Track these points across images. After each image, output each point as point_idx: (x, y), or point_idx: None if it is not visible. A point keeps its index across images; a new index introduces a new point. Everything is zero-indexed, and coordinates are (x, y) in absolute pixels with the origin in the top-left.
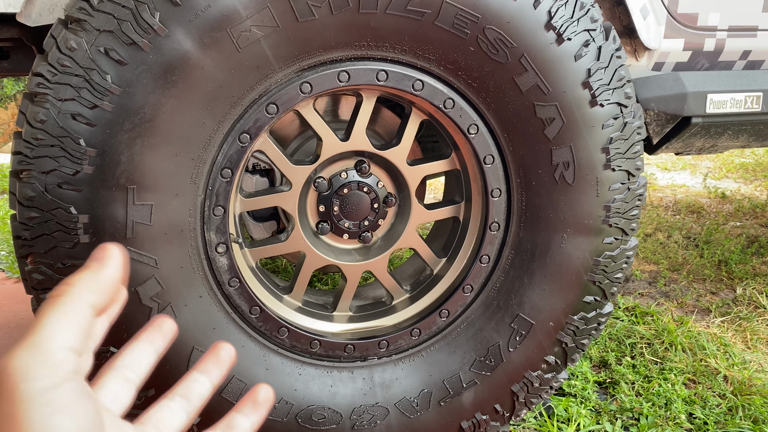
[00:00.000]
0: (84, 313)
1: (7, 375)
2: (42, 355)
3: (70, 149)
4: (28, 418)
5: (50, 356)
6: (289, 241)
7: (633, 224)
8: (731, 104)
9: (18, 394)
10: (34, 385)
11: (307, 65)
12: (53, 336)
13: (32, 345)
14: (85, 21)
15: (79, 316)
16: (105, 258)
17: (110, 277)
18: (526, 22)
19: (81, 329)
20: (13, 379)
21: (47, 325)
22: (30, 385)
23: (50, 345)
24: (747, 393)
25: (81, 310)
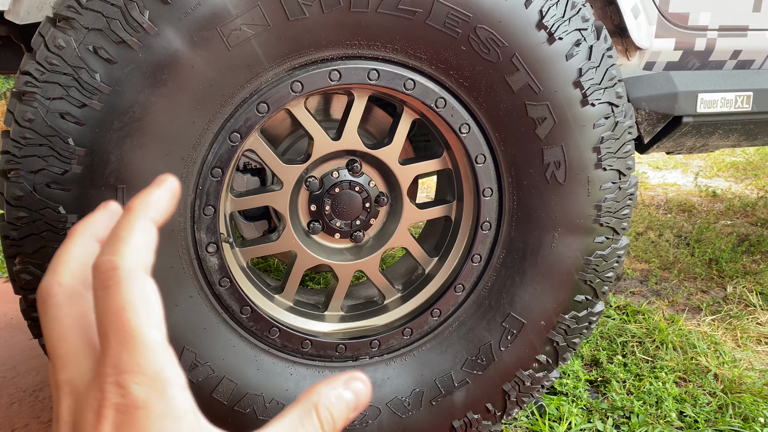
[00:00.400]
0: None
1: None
2: (158, 392)
3: (59, 148)
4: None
5: (167, 395)
6: (281, 240)
7: (624, 223)
8: (722, 104)
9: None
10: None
11: (298, 64)
12: (156, 347)
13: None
14: (73, 19)
15: (150, 286)
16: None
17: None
18: (517, 22)
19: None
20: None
21: (141, 320)
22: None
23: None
24: (737, 391)
25: (147, 283)
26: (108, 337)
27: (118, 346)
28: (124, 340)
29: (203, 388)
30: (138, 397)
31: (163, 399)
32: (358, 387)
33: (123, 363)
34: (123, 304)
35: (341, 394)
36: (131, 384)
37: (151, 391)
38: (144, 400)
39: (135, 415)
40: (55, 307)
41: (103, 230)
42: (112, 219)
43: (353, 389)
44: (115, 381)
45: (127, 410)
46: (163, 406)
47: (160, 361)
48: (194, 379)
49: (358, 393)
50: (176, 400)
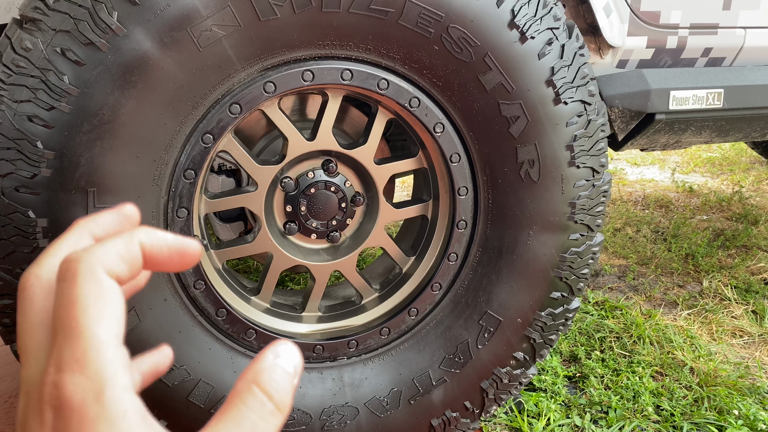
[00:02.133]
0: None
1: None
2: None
3: (27, 152)
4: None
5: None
6: (256, 241)
7: (598, 220)
8: (693, 101)
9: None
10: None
11: (270, 65)
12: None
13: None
14: (40, 21)
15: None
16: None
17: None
18: (489, 21)
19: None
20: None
21: (89, 325)
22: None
23: (106, 367)
24: (712, 384)
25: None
26: (57, 332)
27: (63, 341)
28: (68, 335)
29: (179, 392)
30: (73, 398)
31: (100, 401)
32: (287, 350)
33: (64, 360)
34: (74, 298)
35: (275, 362)
36: (67, 384)
37: (87, 393)
38: (79, 402)
39: (70, 419)
40: (27, 301)
41: (104, 230)
42: (119, 221)
43: (284, 353)
44: (53, 381)
45: (63, 412)
46: (99, 408)
47: (101, 359)
48: (169, 383)
49: (290, 355)
50: (114, 402)
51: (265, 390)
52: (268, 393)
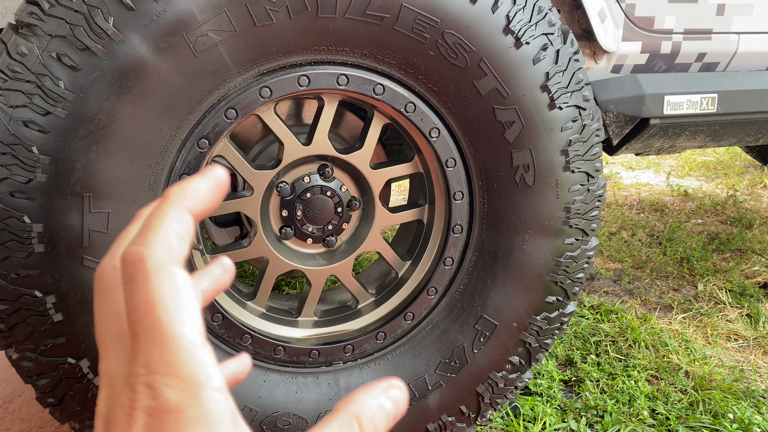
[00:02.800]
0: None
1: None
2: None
3: (23, 157)
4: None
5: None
6: (252, 246)
7: (593, 225)
8: (688, 105)
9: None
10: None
11: (266, 70)
12: (193, 343)
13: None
14: (36, 26)
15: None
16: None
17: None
18: (484, 27)
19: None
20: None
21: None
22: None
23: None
24: (707, 388)
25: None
26: (138, 335)
27: (149, 345)
28: (154, 339)
29: None
30: (170, 400)
31: (197, 403)
32: (397, 395)
33: (154, 363)
34: (152, 300)
35: (382, 403)
36: (163, 386)
37: (184, 395)
38: (176, 405)
39: (166, 420)
40: (104, 292)
41: (201, 205)
42: (212, 190)
43: (392, 397)
44: (146, 382)
45: (158, 414)
46: (197, 411)
47: (193, 361)
48: None
49: (397, 401)
50: (211, 404)
51: (363, 430)
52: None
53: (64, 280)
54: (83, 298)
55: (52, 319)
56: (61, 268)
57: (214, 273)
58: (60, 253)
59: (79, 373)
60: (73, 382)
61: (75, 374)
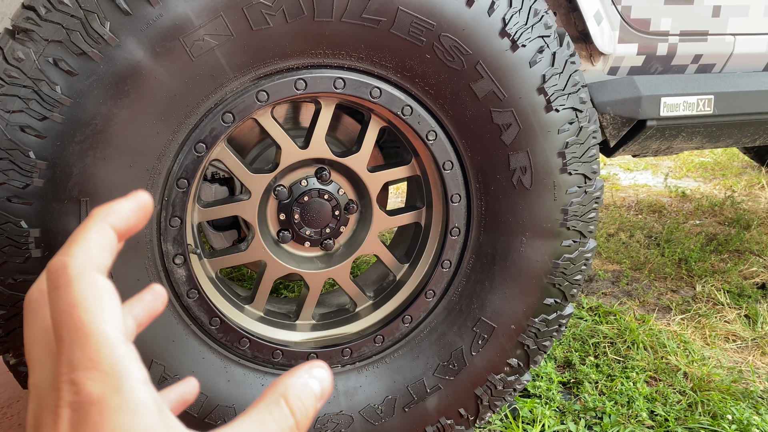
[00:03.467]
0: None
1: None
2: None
3: (20, 162)
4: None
5: (129, 389)
6: (250, 250)
7: (591, 227)
8: (684, 107)
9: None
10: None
11: (263, 73)
12: (112, 339)
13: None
14: (32, 31)
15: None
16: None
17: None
18: (481, 30)
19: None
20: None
21: (94, 314)
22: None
23: (120, 362)
24: (706, 389)
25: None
26: (62, 337)
27: (71, 344)
28: (76, 338)
29: None
30: (91, 392)
31: (119, 393)
32: (321, 374)
33: (76, 360)
34: (74, 302)
35: (307, 382)
36: (84, 380)
37: (106, 386)
38: (98, 396)
39: (89, 411)
40: (32, 314)
41: (124, 223)
42: (135, 211)
43: (317, 377)
44: (68, 379)
45: (82, 407)
46: (119, 399)
47: (114, 355)
48: None
49: (322, 380)
50: (134, 393)
51: (291, 406)
52: (292, 410)
53: None
54: None
55: None
56: None
57: (145, 299)
58: None
59: None
60: None
61: None
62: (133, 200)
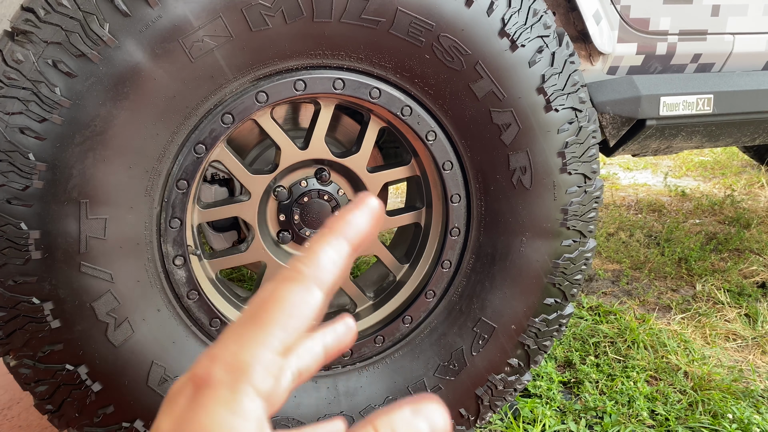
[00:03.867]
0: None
1: None
2: None
3: (19, 164)
4: None
5: None
6: (250, 251)
7: (591, 226)
8: (684, 106)
9: None
10: None
11: (262, 74)
12: None
13: None
14: (31, 33)
15: None
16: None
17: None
18: (480, 30)
19: None
20: None
21: None
22: None
23: None
24: (706, 388)
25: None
26: (245, 315)
27: (242, 327)
28: (250, 326)
29: None
30: (212, 375)
31: (233, 389)
32: (434, 415)
33: (228, 344)
34: (275, 297)
35: (413, 423)
36: (215, 362)
37: (227, 377)
38: (215, 381)
39: (201, 393)
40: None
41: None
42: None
43: (429, 418)
44: (210, 354)
45: (199, 385)
46: (229, 395)
47: (254, 357)
48: (164, 394)
49: (434, 423)
50: (244, 397)
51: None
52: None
53: (62, 287)
54: (80, 304)
55: (50, 326)
56: (58, 274)
57: (338, 330)
58: (57, 260)
59: (78, 379)
60: (71, 388)
61: (73, 381)
62: (365, 210)
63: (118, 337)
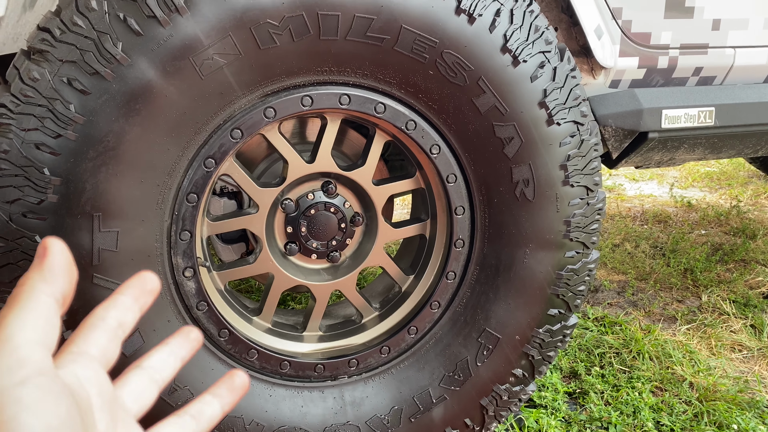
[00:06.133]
0: (45, 304)
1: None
2: (6, 352)
3: (35, 178)
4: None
5: (14, 352)
6: (258, 262)
7: (593, 238)
8: (685, 119)
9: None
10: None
11: (270, 91)
12: (16, 332)
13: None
14: (47, 52)
15: (41, 307)
16: (46, 250)
17: (58, 264)
18: (482, 46)
19: (45, 321)
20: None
21: (9, 322)
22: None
23: (14, 341)
24: (712, 399)
25: (41, 301)
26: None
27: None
28: None
29: None
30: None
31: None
32: None
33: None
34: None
35: None
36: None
37: None
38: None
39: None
40: None
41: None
42: (136, 298)
43: None
44: None
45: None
46: None
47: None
48: (173, 403)
49: None
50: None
51: None
52: None
53: (75, 298)
54: None
55: (63, 337)
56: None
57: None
58: None
59: None
60: None
61: None
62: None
63: (129, 348)
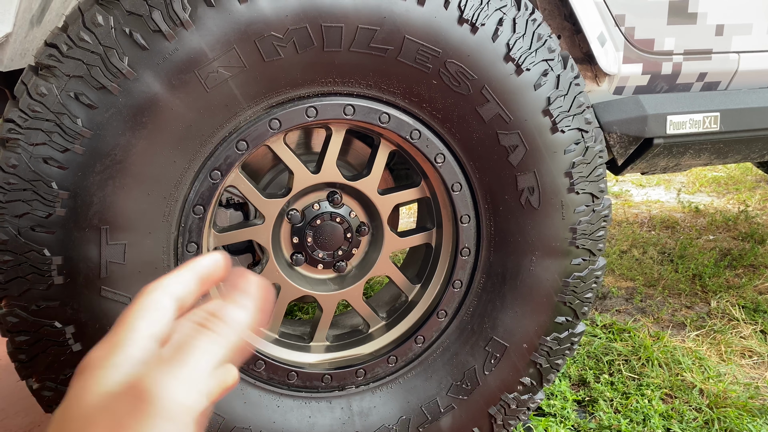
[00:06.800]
0: (165, 304)
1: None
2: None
3: (43, 192)
4: None
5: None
6: (264, 273)
7: (600, 245)
8: (690, 125)
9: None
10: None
11: (275, 102)
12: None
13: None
14: (55, 67)
15: (160, 307)
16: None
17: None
18: (485, 55)
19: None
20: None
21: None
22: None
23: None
24: (722, 405)
25: (162, 301)
26: None
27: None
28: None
29: None
30: (91, 355)
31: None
32: None
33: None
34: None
35: None
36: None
37: (106, 353)
38: (93, 359)
39: (85, 370)
40: None
41: (186, 290)
42: (201, 276)
43: None
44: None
45: (82, 368)
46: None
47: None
48: None
49: None
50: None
51: None
52: None
53: (83, 311)
54: (101, 328)
55: (71, 349)
56: (79, 299)
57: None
58: (79, 285)
59: None
60: None
61: None
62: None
63: None
